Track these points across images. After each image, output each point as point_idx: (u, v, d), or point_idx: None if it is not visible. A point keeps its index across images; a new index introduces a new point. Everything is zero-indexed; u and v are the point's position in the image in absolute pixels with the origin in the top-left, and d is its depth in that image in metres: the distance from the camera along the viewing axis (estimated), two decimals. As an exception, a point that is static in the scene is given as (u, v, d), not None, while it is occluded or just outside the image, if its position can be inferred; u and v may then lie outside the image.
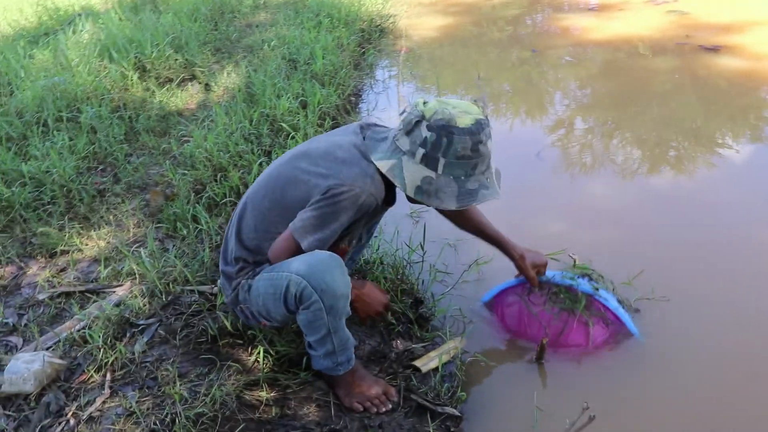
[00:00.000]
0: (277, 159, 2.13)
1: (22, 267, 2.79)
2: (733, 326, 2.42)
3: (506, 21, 6.81)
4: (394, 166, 1.87)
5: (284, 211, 1.94)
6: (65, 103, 4.11)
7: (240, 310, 2.07)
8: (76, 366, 2.14)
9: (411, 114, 1.87)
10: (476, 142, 1.81)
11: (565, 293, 2.40)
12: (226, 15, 6.55)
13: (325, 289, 1.80)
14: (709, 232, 2.99)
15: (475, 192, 1.87)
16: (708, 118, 4.19)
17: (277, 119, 3.87)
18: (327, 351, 1.96)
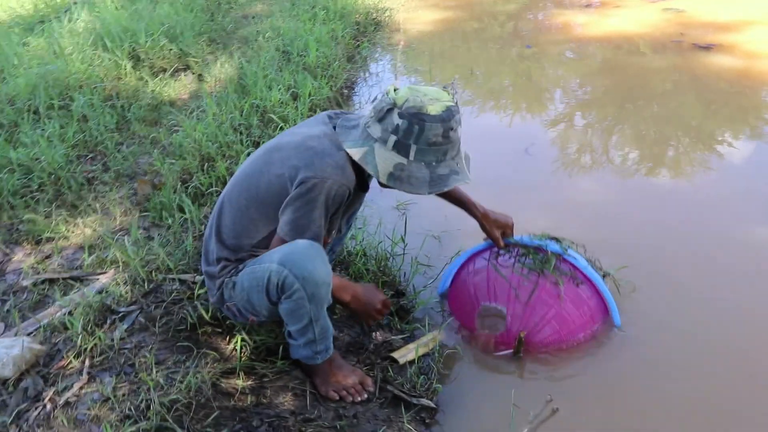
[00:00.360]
0: (250, 156, 2.13)
1: (7, 253, 2.81)
2: (718, 323, 2.45)
3: (502, 16, 6.81)
4: (366, 153, 1.88)
5: (261, 206, 1.95)
6: (57, 92, 4.12)
7: (227, 309, 2.08)
8: (56, 352, 2.15)
9: (382, 101, 1.88)
10: (447, 129, 1.84)
11: (533, 254, 2.40)
12: (222, 6, 6.56)
13: (306, 277, 1.81)
14: (697, 228, 3.02)
15: (446, 177, 1.90)
16: (701, 115, 4.21)
17: (268, 110, 3.88)
18: (308, 340, 1.98)
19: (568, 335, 2.34)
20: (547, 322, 2.32)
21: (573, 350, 2.36)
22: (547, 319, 2.32)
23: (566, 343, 2.35)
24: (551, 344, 2.34)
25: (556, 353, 2.34)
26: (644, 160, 3.67)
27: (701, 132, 3.97)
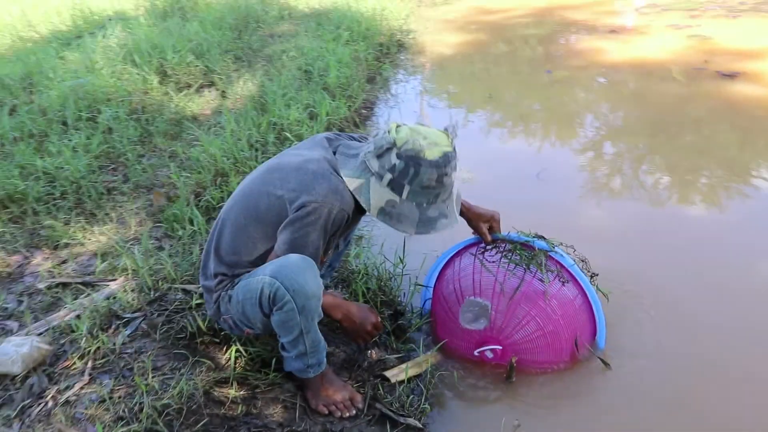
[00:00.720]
0: (249, 174, 2.22)
1: (27, 257, 2.94)
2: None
3: (525, 40, 6.89)
4: (362, 185, 1.97)
5: (260, 225, 2.03)
6: (86, 104, 4.30)
7: (224, 321, 2.16)
8: (62, 352, 2.26)
9: (383, 139, 1.96)
10: (441, 175, 1.92)
11: (520, 250, 2.43)
12: (251, 24, 6.74)
13: (297, 290, 1.88)
14: (715, 259, 3.02)
15: (434, 220, 1.99)
16: (719, 144, 4.20)
17: (284, 128, 4.00)
18: (299, 352, 2.05)
19: (553, 334, 2.34)
20: (532, 318, 2.33)
21: (567, 377, 2.40)
22: (532, 316, 2.33)
23: (551, 343, 2.35)
24: (535, 343, 2.35)
25: (549, 382, 2.38)
26: (659, 187, 3.67)
27: (727, 161, 3.95)
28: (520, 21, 7.63)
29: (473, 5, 8.66)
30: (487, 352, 2.38)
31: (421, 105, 5.23)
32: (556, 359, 2.40)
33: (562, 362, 2.41)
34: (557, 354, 2.39)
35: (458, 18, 8.06)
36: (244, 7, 7.17)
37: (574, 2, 8.16)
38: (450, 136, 2.01)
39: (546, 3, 8.30)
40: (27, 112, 4.11)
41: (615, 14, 7.44)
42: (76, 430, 1.91)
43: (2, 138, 3.83)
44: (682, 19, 6.86)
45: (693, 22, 6.69)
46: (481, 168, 3.88)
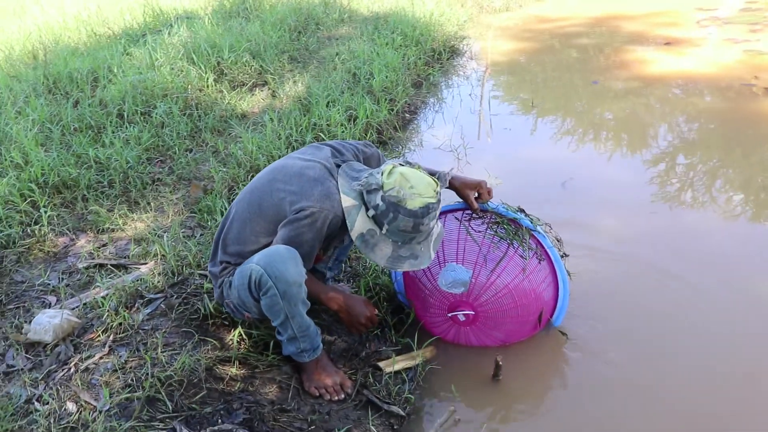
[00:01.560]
0: (260, 172, 2.43)
1: (73, 239, 3.23)
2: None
3: (576, 50, 6.89)
4: (353, 207, 2.18)
5: (262, 221, 2.25)
6: (144, 99, 4.60)
7: (227, 305, 2.38)
8: (90, 326, 2.52)
9: (374, 178, 2.16)
10: (417, 224, 2.13)
11: (506, 224, 2.55)
12: (310, 26, 6.98)
13: (278, 276, 2.09)
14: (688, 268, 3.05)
15: (403, 259, 2.21)
16: (753, 162, 4.16)
17: (323, 129, 4.19)
18: (289, 336, 2.24)
19: (523, 307, 2.50)
20: (508, 291, 2.46)
21: (551, 375, 2.52)
22: (509, 289, 2.47)
23: (520, 316, 2.51)
24: (506, 314, 2.50)
25: (534, 379, 2.50)
26: (684, 202, 3.68)
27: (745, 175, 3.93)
28: (576, 30, 7.61)
29: (532, 13, 8.69)
30: (460, 315, 2.53)
31: (480, 109, 5.33)
32: (519, 331, 2.58)
33: (522, 332, 2.59)
34: (521, 326, 2.56)
35: (516, 25, 8.11)
36: (306, 8, 7.43)
37: (631, 13, 8.08)
38: (439, 185, 2.19)
39: (603, 13, 8.25)
40: (89, 105, 4.44)
41: (671, 26, 7.33)
42: (89, 393, 2.14)
43: (64, 128, 4.16)
44: (741, 33, 6.71)
45: (752, 36, 6.55)
46: (510, 175, 3.98)
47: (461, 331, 2.60)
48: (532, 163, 4.32)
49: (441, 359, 2.61)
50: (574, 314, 2.75)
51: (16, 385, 2.23)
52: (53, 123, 4.21)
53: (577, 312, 2.78)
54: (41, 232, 3.19)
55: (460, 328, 2.59)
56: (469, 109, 5.32)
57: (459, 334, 2.62)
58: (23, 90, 4.76)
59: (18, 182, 3.46)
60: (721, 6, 8.10)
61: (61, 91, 4.85)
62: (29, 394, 2.18)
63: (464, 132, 4.75)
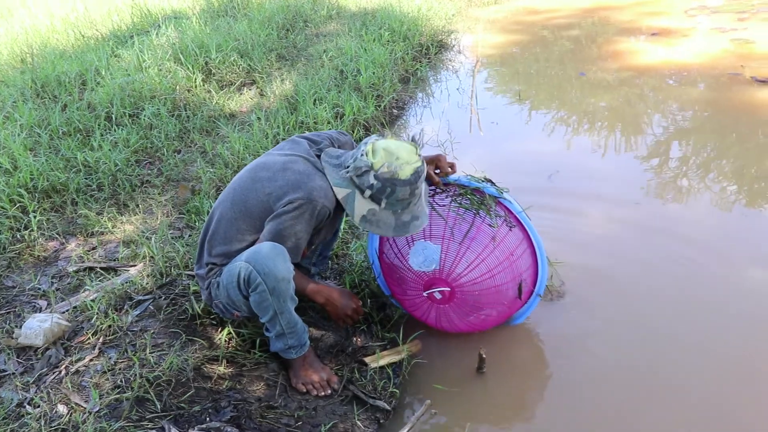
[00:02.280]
0: (240, 170, 2.47)
1: (63, 243, 3.27)
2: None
3: (564, 42, 6.91)
4: (348, 195, 2.24)
5: (249, 219, 2.28)
6: (132, 101, 4.63)
7: (216, 306, 2.41)
8: (80, 329, 2.56)
9: (361, 162, 2.20)
10: (413, 189, 2.20)
11: (470, 195, 2.56)
12: (298, 24, 6.99)
13: (267, 272, 2.13)
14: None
15: (408, 223, 2.27)
16: (742, 150, 4.19)
17: (310, 127, 4.23)
18: (278, 332, 2.28)
19: (499, 277, 2.47)
20: (481, 261, 2.46)
21: (534, 367, 2.56)
22: (481, 259, 2.46)
23: (497, 286, 2.48)
24: (482, 285, 2.48)
25: (518, 372, 2.55)
26: (666, 195, 3.72)
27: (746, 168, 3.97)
28: (564, 22, 7.64)
29: (521, 5, 8.71)
30: (436, 293, 2.52)
31: (471, 101, 5.36)
32: (498, 303, 2.53)
33: (502, 307, 2.56)
34: (500, 297, 2.52)
35: (504, 18, 8.13)
36: (294, 5, 7.45)
37: (619, 3, 8.10)
38: (417, 147, 2.23)
39: (591, 4, 8.27)
40: (77, 109, 4.47)
41: (658, 15, 7.36)
42: (79, 395, 2.18)
43: (52, 132, 4.19)
44: (729, 21, 6.74)
45: (739, 25, 6.58)
46: (497, 168, 4.01)
47: (442, 312, 2.58)
48: (518, 156, 4.36)
49: (426, 353, 2.65)
50: (558, 304, 2.80)
51: (8, 389, 2.27)
52: (41, 127, 4.24)
53: (562, 303, 2.83)
54: (31, 237, 3.23)
55: (439, 308, 2.57)
56: (457, 104, 5.35)
57: (440, 316, 2.60)
58: (11, 94, 4.78)
59: (7, 188, 3.49)
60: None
61: (49, 94, 4.87)
62: (21, 398, 2.22)
63: (451, 127, 4.78)
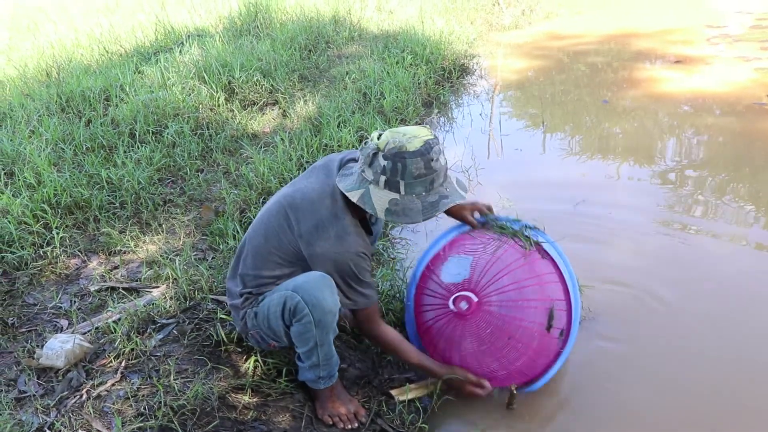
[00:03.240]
0: (270, 200, 2.41)
1: (84, 261, 3.23)
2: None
3: (586, 68, 6.87)
4: (363, 194, 2.12)
5: (282, 254, 2.22)
6: (155, 118, 4.62)
7: (251, 336, 2.35)
8: (102, 351, 2.51)
9: (368, 147, 2.12)
10: (428, 161, 2.06)
11: (506, 225, 2.58)
12: (320, 45, 6.99)
13: (315, 304, 2.08)
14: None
15: (436, 203, 2.13)
16: (752, 178, 4.13)
17: (334, 150, 4.19)
18: (312, 363, 2.23)
19: (524, 291, 2.41)
20: (510, 271, 2.42)
21: (567, 406, 2.49)
22: (510, 269, 2.42)
23: (522, 300, 2.40)
24: (507, 296, 2.41)
25: (549, 407, 2.48)
26: (691, 221, 3.65)
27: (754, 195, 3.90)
28: (588, 48, 7.61)
29: (543, 30, 8.69)
30: (462, 303, 2.43)
31: (490, 126, 5.33)
32: (527, 331, 2.40)
33: (531, 339, 2.41)
34: (528, 318, 2.40)
35: (526, 43, 8.11)
36: (316, 27, 7.46)
37: (641, 30, 8.06)
38: (429, 128, 2.16)
39: (613, 30, 8.24)
40: (101, 125, 4.45)
41: (681, 44, 7.32)
42: (101, 422, 2.13)
43: (76, 147, 4.17)
44: (752, 50, 6.69)
45: (763, 54, 6.52)
46: (522, 196, 3.97)
47: (466, 347, 2.46)
48: (544, 183, 4.30)
49: (455, 390, 2.57)
50: (590, 332, 2.74)
51: (28, 411, 2.22)
52: (66, 142, 4.23)
53: (593, 330, 2.77)
54: (53, 254, 3.19)
55: (462, 347, 2.47)
56: (480, 129, 5.31)
57: (465, 354, 2.48)
58: (36, 109, 4.78)
59: (31, 203, 3.46)
60: (730, 23, 8.08)
61: (74, 109, 4.87)
62: (41, 422, 2.16)
63: (475, 152, 4.74)
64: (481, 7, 9.58)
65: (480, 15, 9.22)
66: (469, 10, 9.14)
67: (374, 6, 8.68)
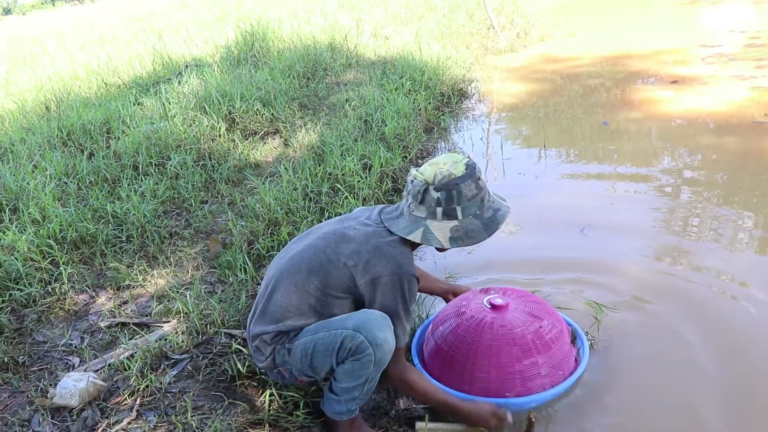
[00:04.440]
0: (307, 236, 2.37)
1: (93, 296, 3.21)
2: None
3: (586, 91, 6.93)
4: (424, 232, 2.16)
5: (326, 291, 2.18)
6: (157, 150, 4.62)
7: (278, 372, 2.30)
8: (115, 389, 2.48)
9: (416, 186, 2.15)
10: (477, 180, 2.15)
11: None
12: (318, 72, 7.04)
13: (379, 344, 2.07)
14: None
15: (493, 218, 2.20)
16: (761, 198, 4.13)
17: (338, 179, 4.19)
18: (350, 397, 2.19)
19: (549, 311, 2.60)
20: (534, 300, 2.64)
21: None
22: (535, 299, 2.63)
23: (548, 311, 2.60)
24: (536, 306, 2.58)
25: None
26: (703, 247, 3.64)
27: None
28: (585, 70, 7.67)
29: (539, 53, 8.77)
30: (497, 299, 2.58)
31: (487, 151, 5.34)
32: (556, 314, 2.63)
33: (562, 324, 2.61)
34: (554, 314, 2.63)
35: (523, 66, 8.18)
36: (313, 54, 7.51)
37: (636, 51, 8.14)
38: (459, 151, 2.19)
39: (610, 52, 8.32)
40: (103, 157, 4.45)
41: (678, 63, 7.39)
42: (119, 463, 2.10)
43: (80, 181, 4.16)
44: (748, 69, 6.76)
45: (759, 72, 6.59)
46: (528, 221, 3.97)
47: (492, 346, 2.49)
48: (548, 208, 4.30)
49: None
50: (601, 358, 2.73)
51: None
52: (69, 176, 4.22)
53: (604, 355, 2.75)
54: (61, 290, 3.17)
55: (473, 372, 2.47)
56: (482, 154, 5.32)
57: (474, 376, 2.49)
58: (38, 143, 4.78)
59: (36, 238, 3.44)
60: (724, 42, 8.17)
61: (75, 143, 4.87)
62: (57, 464, 2.13)
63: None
64: (476, 31, 9.68)
65: (475, 39, 9.32)
66: (464, 35, 9.23)
67: (370, 32, 8.77)
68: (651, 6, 11.81)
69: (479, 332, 2.48)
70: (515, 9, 11.56)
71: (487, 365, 2.43)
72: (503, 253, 3.63)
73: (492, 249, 3.50)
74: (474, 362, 2.46)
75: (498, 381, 2.42)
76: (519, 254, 3.64)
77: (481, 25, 10.10)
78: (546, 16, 11.22)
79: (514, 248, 3.72)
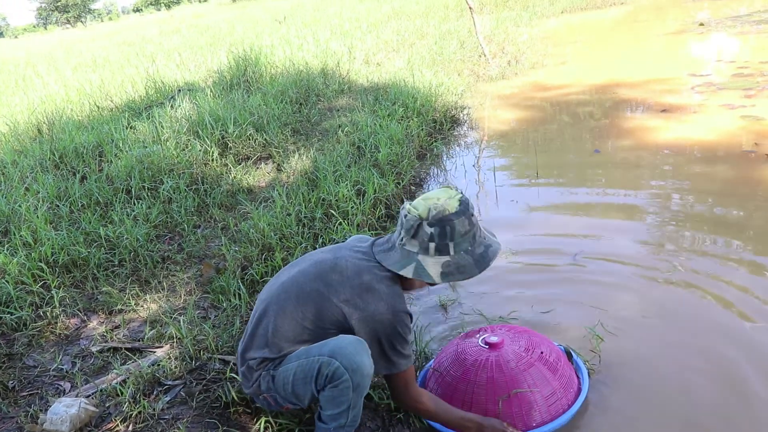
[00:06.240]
0: (300, 262, 2.36)
1: (84, 320, 3.18)
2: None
3: (577, 119, 6.99)
4: (416, 267, 2.15)
5: (317, 323, 2.17)
6: (150, 174, 4.61)
7: (263, 399, 2.29)
8: (107, 415, 2.45)
9: (410, 220, 2.15)
10: (470, 216, 2.16)
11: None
12: (311, 97, 7.07)
13: (355, 369, 2.05)
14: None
15: (485, 254, 2.20)
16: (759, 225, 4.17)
17: (332, 205, 4.19)
18: (339, 425, 2.18)
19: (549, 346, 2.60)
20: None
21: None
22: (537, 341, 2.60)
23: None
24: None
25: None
26: (690, 272, 3.66)
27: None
28: (575, 98, 7.75)
29: (530, 81, 8.86)
30: (492, 337, 2.59)
31: (477, 178, 5.37)
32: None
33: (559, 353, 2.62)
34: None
35: (514, 94, 8.25)
36: (305, 80, 7.55)
37: (626, 80, 8.24)
38: (451, 186, 2.24)
39: (602, 80, 8.42)
40: (96, 181, 4.44)
41: (667, 93, 7.48)
42: (111, 492, 2.06)
43: (72, 205, 4.14)
44: (736, 98, 6.84)
45: (747, 102, 6.67)
46: (520, 248, 3.98)
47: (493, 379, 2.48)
48: (541, 235, 4.32)
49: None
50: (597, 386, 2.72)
51: (33, 482, 2.15)
52: (61, 199, 4.20)
53: (601, 384, 2.75)
54: (53, 314, 3.14)
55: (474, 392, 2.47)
56: (474, 181, 5.35)
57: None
58: (30, 165, 4.76)
59: (28, 261, 3.42)
60: (712, 71, 8.28)
61: (68, 166, 4.86)
62: (47, 493, 2.09)
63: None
64: (468, 59, 9.78)
65: (467, 66, 9.41)
66: (456, 62, 9.33)
67: (362, 59, 8.84)
68: (639, 35, 11.97)
69: (490, 373, 2.48)
70: (506, 37, 11.71)
71: (509, 405, 2.42)
72: (495, 283, 3.63)
73: (482, 277, 3.50)
74: (495, 404, 2.44)
75: (521, 414, 2.42)
76: (514, 283, 3.65)
77: (472, 52, 10.21)
78: (536, 45, 11.33)
79: (506, 274, 3.74)
